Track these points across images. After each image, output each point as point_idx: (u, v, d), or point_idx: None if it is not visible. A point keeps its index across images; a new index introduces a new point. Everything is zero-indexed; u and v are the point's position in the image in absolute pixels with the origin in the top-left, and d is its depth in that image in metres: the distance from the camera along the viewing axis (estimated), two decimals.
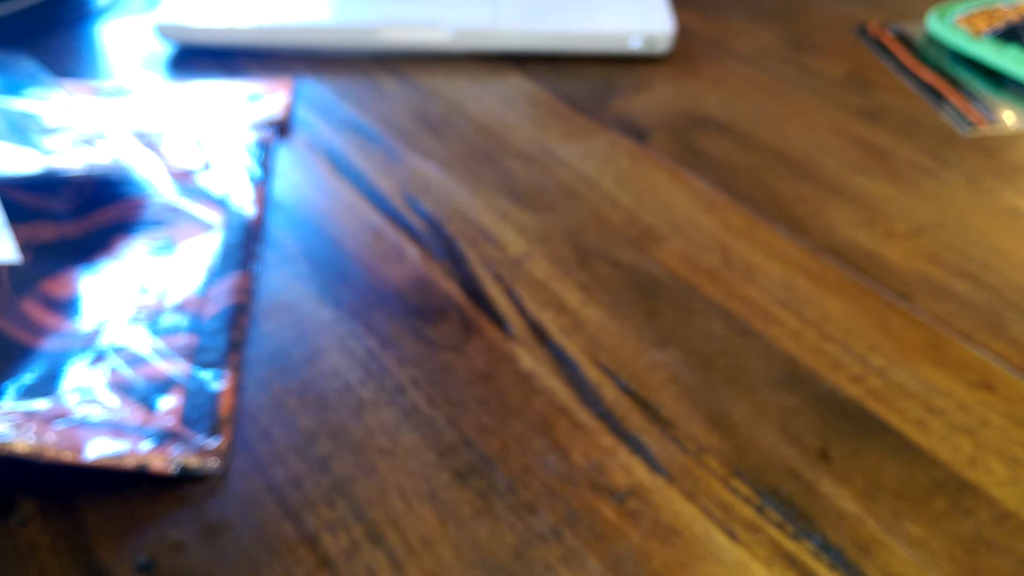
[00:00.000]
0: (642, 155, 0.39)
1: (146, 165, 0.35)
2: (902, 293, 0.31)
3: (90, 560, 0.22)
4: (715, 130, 0.41)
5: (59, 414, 0.24)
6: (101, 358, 0.26)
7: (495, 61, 0.47)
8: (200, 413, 0.25)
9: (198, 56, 0.46)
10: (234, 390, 0.26)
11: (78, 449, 0.23)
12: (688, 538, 0.23)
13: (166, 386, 0.26)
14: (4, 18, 0.49)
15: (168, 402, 0.25)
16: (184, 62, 0.46)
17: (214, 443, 0.24)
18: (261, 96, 0.42)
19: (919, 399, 0.27)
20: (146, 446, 0.23)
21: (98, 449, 0.23)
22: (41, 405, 0.24)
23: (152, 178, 0.34)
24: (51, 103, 0.37)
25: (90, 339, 0.27)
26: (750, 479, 0.24)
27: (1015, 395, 0.27)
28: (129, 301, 0.29)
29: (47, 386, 0.25)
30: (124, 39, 0.48)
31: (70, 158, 0.33)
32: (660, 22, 0.47)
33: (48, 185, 0.32)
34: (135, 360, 0.26)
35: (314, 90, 0.43)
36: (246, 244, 0.32)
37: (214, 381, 0.26)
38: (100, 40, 0.48)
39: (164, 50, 0.47)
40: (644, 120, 0.42)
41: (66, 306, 0.28)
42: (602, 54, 0.48)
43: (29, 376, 0.25)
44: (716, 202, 0.36)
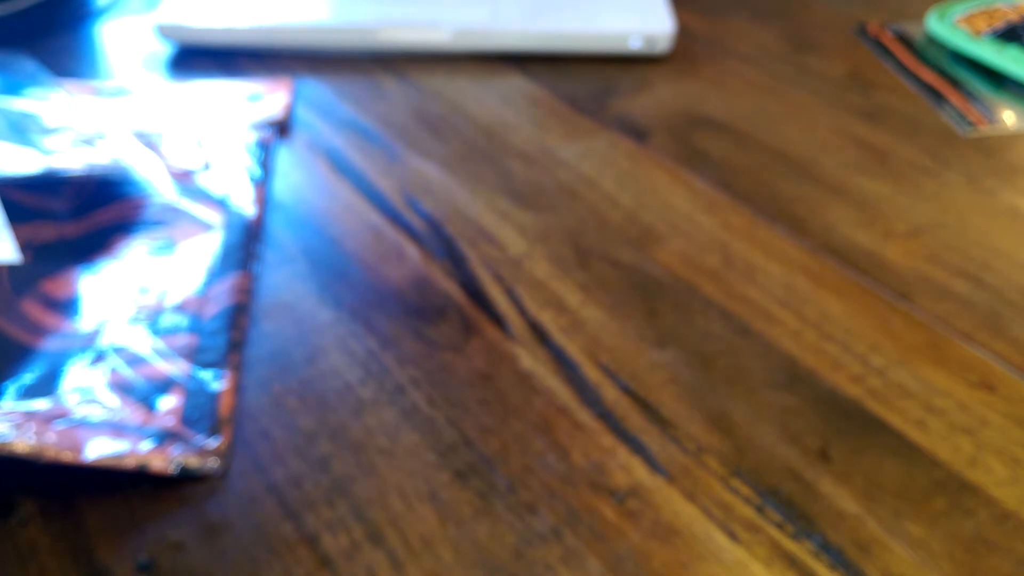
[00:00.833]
0: (642, 155, 0.39)
1: (146, 165, 0.35)
2: (902, 293, 0.31)
3: (90, 560, 0.22)
4: (715, 130, 0.41)
5: (59, 414, 0.24)
6: (101, 358, 0.26)
7: (495, 61, 0.47)
8: (200, 413, 0.25)
9: (198, 56, 0.46)
10: (234, 390, 0.26)
11: (78, 449, 0.23)
12: (688, 538, 0.23)
13: (166, 386, 0.26)
14: (4, 18, 0.49)
15: (168, 402, 0.25)
16: (184, 62, 0.46)
17: (214, 443, 0.24)
18: (261, 96, 0.42)
19: (919, 399, 0.27)
20: (146, 446, 0.23)
21: (98, 449, 0.23)
22: (41, 405, 0.24)
23: (152, 178, 0.34)
24: (51, 103, 0.37)
25: (90, 339, 0.27)
26: (750, 479, 0.24)
27: (1015, 395, 0.27)
28: (129, 301, 0.29)
29: (47, 386, 0.25)
30: (124, 39, 0.48)
31: (70, 158, 0.33)
32: (660, 22, 0.47)
33: (48, 185, 0.32)
34: (135, 360, 0.26)
35: (314, 90, 0.43)
36: (246, 244, 0.32)
37: (214, 381, 0.26)
38: (100, 40, 0.48)
39: (164, 50, 0.47)
40: (644, 120, 0.42)
41: (66, 306, 0.28)
42: (602, 54, 0.48)
43: (29, 376, 0.25)
44: (716, 202, 0.36)
